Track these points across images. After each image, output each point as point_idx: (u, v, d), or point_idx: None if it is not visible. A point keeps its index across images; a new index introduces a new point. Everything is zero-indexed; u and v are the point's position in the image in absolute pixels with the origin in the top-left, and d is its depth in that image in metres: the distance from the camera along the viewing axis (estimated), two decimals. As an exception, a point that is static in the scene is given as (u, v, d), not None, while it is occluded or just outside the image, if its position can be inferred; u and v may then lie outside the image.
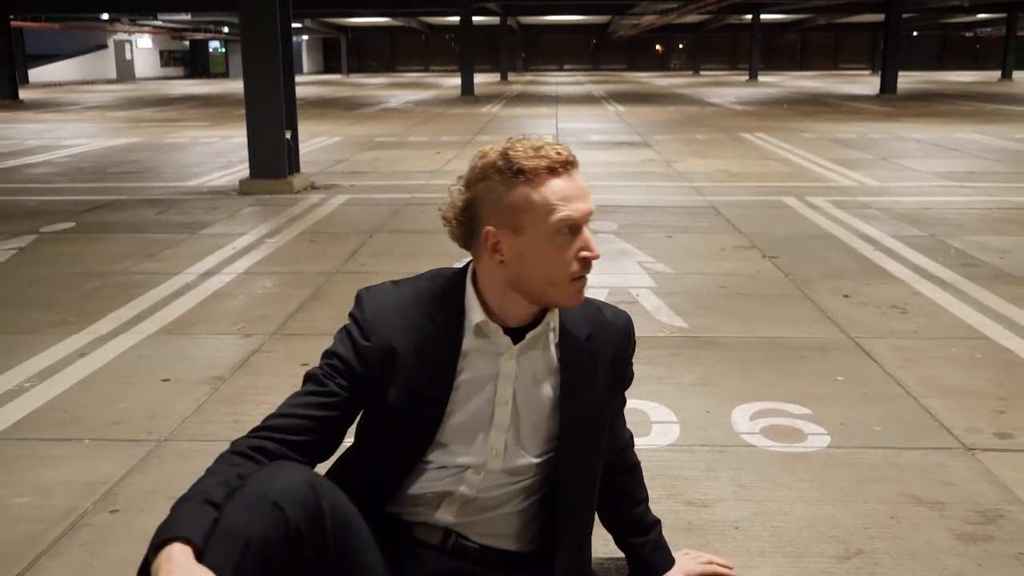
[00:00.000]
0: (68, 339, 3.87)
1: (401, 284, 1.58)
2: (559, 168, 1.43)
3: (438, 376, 1.53)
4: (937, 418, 2.97)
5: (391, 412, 1.53)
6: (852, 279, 4.82)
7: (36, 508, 2.41)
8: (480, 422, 1.58)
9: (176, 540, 1.28)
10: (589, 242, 1.47)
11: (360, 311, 1.53)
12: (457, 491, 1.61)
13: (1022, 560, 2.13)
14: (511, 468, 1.62)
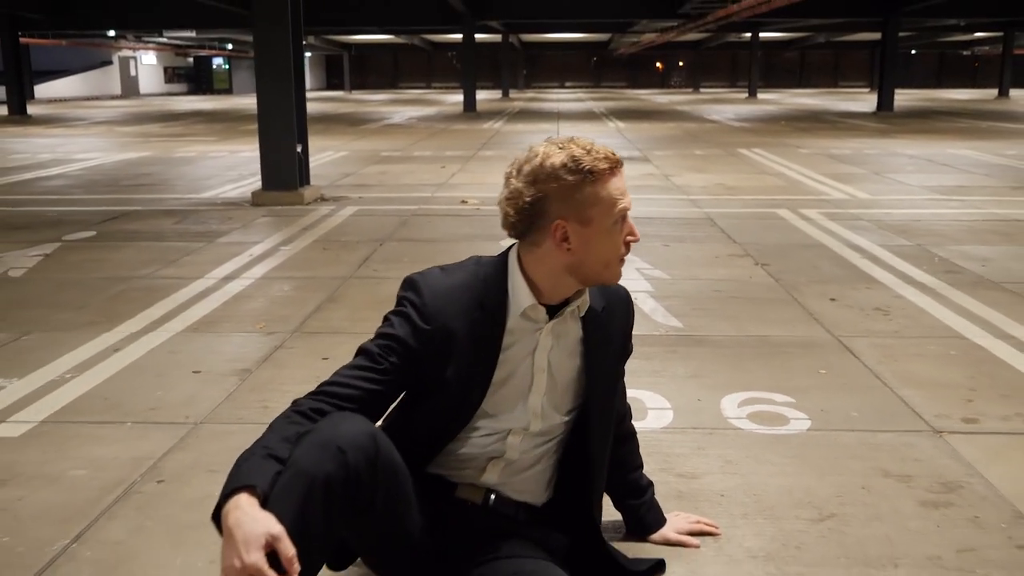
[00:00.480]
0: (101, 336, 4.13)
1: (449, 270, 1.83)
2: (616, 168, 1.71)
3: (487, 354, 1.79)
4: (910, 405, 3.23)
5: (443, 387, 1.79)
6: (839, 284, 5.08)
7: (91, 479, 2.66)
8: (521, 390, 1.84)
9: (243, 489, 1.53)
10: (633, 228, 1.76)
11: (418, 296, 1.77)
12: (504, 454, 1.88)
13: (976, 523, 2.38)
14: (545, 429, 1.89)
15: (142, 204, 8.33)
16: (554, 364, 1.86)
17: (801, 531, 2.33)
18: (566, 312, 1.83)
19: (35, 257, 5.93)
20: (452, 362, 1.77)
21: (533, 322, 1.81)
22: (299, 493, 1.53)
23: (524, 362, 1.84)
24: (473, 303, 1.78)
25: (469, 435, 1.87)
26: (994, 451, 2.84)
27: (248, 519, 1.48)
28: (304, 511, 1.52)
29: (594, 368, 1.91)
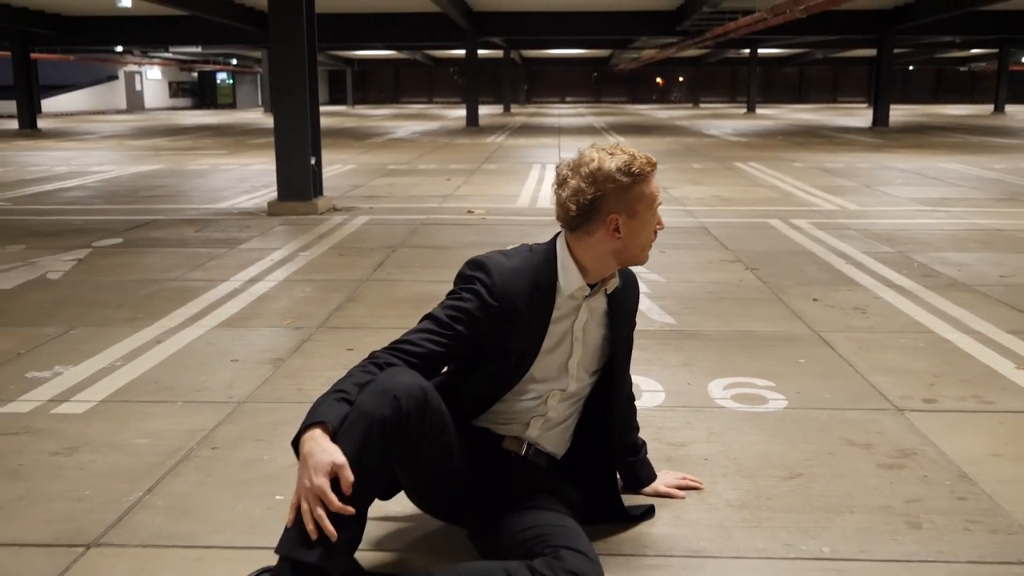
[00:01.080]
0: (142, 331, 4.50)
1: (510, 255, 2.23)
2: (655, 170, 2.13)
3: (540, 327, 2.20)
4: (877, 388, 3.60)
5: (502, 355, 2.18)
6: (822, 286, 5.46)
7: (152, 446, 3.03)
8: (562, 357, 2.26)
9: (317, 424, 1.91)
10: (661, 218, 2.21)
11: (488, 277, 2.14)
12: (545, 413, 2.27)
13: (925, 480, 2.75)
14: (576, 390, 2.30)
15: (163, 214, 8.72)
16: (587, 333, 2.26)
17: (773, 486, 2.71)
18: (596, 292, 2.23)
19: (69, 261, 6.32)
20: (513, 334, 2.16)
21: (575, 299, 2.21)
22: (360, 431, 1.90)
23: (566, 333, 2.24)
24: (531, 284, 2.17)
25: (517, 396, 2.25)
26: (948, 425, 3.21)
27: (319, 449, 1.85)
28: (364, 447, 1.89)
29: (616, 335, 2.31)
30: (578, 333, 2.24)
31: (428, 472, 2.13)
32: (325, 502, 1.81)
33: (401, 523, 2.46)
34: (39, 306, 5.06)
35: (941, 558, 2.30)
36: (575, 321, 2.23)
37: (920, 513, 2.53)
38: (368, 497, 1.95)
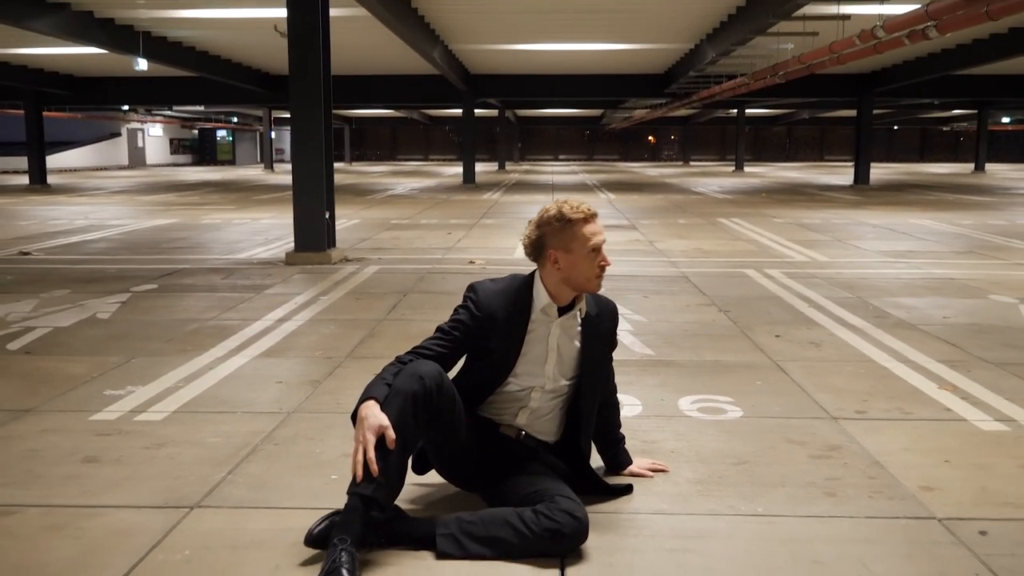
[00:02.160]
0: (193, 360, 5.22)
1: (496, 281, 3.00)
2: (589, 218, 2.87)
3: (518, 334, 2.95)
4: (819, 403, 4.33)
5: (489, 354, 2.94)
6: (785, 325, 6.21)
7: (224, 443, 3.74)
8: (539, 360, 2.99)
9: (370, 398, 2.66)
10: (605, 257, 2.93)
11: (476, 296, 2.95)
12: (528, 404, 3.00)
13: (845, 466, 3.47)
14: (554, 388, 3.03)
15: (188, 263, 9.47)
16: (561, 345, 3.00)
17: (723, 470, 3.43)
18: (570, 314, 2.97)
19: (113, 304, 7.04)
20: (492, 338, 2.91)
21: (548, 317, 2.96)
22: (399, 402, 2.65)
23: (541, 342, 2.98)
24: (509, 301, 2.93)
25: (506, 389, 2.99)
26: (871, 429, 3.94)
27: (371, 415, 2.61)
28: (401, 413, 2.64)
29: (586, 352, 3.04)
30: (552, 344, 2.99)
31: (447, 441, 2.88)
32: (368, 448, 2.57)
33: (431, 490, 3.17)
34: (97, 340, 5.78)
35: (846, 514, 3.02)
36: (549, 335, 2.98)
37: (836, 487, 3.26)
38: (407, 450, 2.69)
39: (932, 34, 9.77)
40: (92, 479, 3.35)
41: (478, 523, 2.70)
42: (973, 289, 7.79)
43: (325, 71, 9.41)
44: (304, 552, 2.69)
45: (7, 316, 6.56)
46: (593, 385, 3.10)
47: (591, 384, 3.08)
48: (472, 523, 2.70)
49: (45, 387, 4.63)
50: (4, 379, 4.80)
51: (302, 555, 2.68)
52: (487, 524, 2.71)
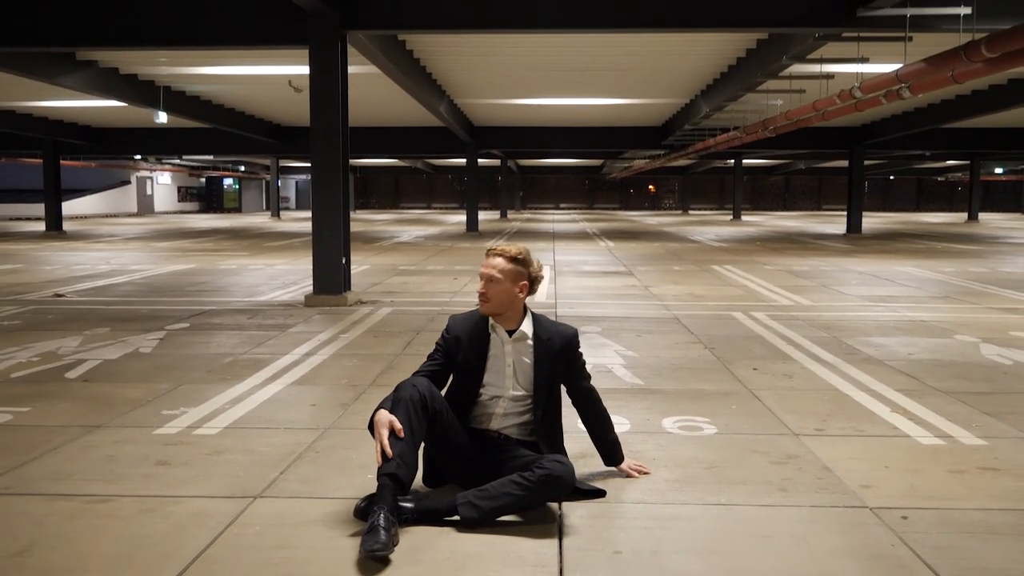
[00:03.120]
0: (234, 387, 5.89)
1: (467, 313, 3.75)
2: (487, 255, 3.65)
3: (480, 352, 3.68)
4: (784, 423, 4.99)
5: (460, 369, 3.66)
6: (763, 360, 6.88)
7: (274, 451, 4.40)
8: (500, 374, 3.70)
9: (381, 408, 3.37)
10: (481, 287, 3.67)
11: (448, 323, 3.77)
12: (495, 411, 3.70)
13: (800, 470, 4.12)
14: (515, 396, 3.72)
15: (214, 305, 10.16)
16: (516, 362, 3.71)
17: (696, 472, 4.08)
18: (518, 334, 3.71)
19: (153, 340, 7.72)
20: (462, 353, 3.67)
21: (501, 338, 3.67)
22: (401, 405, 3.40)
23: (500, 359, 3.71)
24: (471, 326, 3.73)
25: (480, 400, 3.71)
26: (826, 443, 4.59)
27: (382, 415, 3.36)
28: (405, 411, 3.39)
29: (539, 368, 3.74)
30: (509, 359, 3.73)
31: (448, 442, 3.60)
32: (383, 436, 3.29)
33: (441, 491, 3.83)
34: (145, 370, 6.45)
35: (794, 504, 3.68)
36: (506, 352, 3.72)
37: (789, 485, 3.91)
38: (415, 438, 3.41)
39: (906, 95, 10.55)
40: (167, 477, 4.01)
41: (488, 490, 3.40)
42: (941, 330, 8.46)
43: (343, 126, 10.18)
44: (351, 526, 3.34)
45: (58, 350, 7.23)
46: (546, 395, 3.78)
47: (543, 394, 3.77)
48: (484, 491, 3.39)
49: (109, 408, 5.29)
50: (71, 402, 5.47)
51: (350, 528, 3.35)
52: (496, 488, 3.42)
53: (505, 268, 3.68)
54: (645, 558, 3.15)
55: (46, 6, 10.44)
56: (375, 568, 3.03)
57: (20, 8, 10.44)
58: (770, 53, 13.06)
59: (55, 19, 10.59)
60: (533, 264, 3.80)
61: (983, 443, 4.62)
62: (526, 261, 3.75)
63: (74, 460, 4.27)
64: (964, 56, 8.26)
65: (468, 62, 16.50)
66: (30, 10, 10.45)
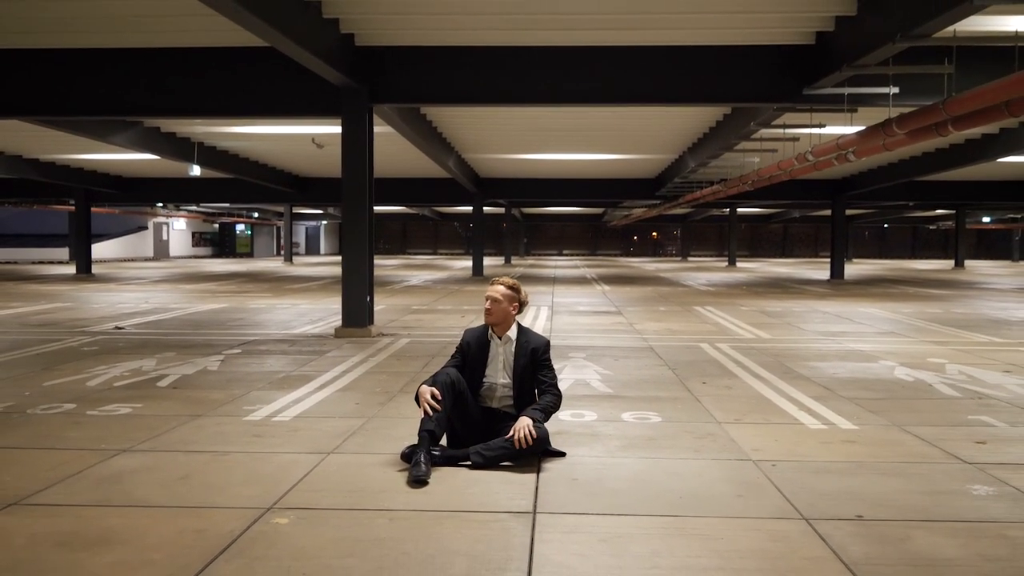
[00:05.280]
0: (292, 393, 7.55)
1: (474, 327, 5.44)
2: (491, 284, 5.42)
3: (484, 352, 5.41)
4: (713, 416, 6.63)
5: (469, 364, 5.38)
6: (712, 377, 8.53)
7: (334, 429, 6.05)
8: (496, 368, 5.41)
9: (423, 384, 5.06)
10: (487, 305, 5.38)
11: (464, 334, 5.48)
12: (495, 395, 5.39)
13: (712, 440, 5.77)
14: (504, 384, 5.45)
15: (256, 336, 11.85)
16: (505, 359, 5.41)
17: (637, 441, 5.73)
18: (505, 338, 5.38)
19: (215, 361, 9.40)
20: (471, 354, 5.34)
21: (497, 341, 5.37)
22: (440, 385, 5.08)
23: (496, 357, 5.39)
24: (478, 335, 5.41)
25: (484, 383, 5.38)
26: (739, 428, 6.24)
27: (427, 388, 5.06)
28: (442, 387, 5.07)
29: (517, 363, 5.42)
30: (501, 358, 5.42)
31: (465, 413, 5.24)
32: (426, 400, 4.93)
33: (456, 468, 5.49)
34: (219, 382, 8.12)
35: (701, 459, 5.33)
36: (500, 353, 5.38)
37: (702, 448, 5.57)
38: (445, 412, 5.04)
39: (852, 158, 12.29)
40: (264, 442, 5.68)
41: (490, 445, 5.06)
42: (870, 357, 10.11)
43: (370, 183, 11.96)
44: (399, 466, 5.01)
45: (141, 368, 8.91)
46: (521, 382, 5.43)
47: (519, 381, 5.43)
48: (487, 445, 5.07)
49: (202, 405, 6.96)
50: (171, 401, 7.14)
51: (397, 467, 5.01)
52: (495, 443, 5.09)
53: (504, 293, 5.38)
54: (592, 482, 4.81)
55: (115, 83, 12.26)
56: (418, 486, 4.69)
57: (93, 84, 12.26)
58: (741, 120, 14.88)
59: (123, 93, 12.40)
60: (522, 292, 5.50)
61: (855, 428, 6.28)
62: (517, 289, 5.46)
63: (193, 434, 5.95)
64: (883, 131, 10.02)
65: (475, 124, 18.36)
66: (103, 86, 12.28)
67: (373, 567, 3.58)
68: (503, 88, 11.77)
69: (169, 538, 3.88)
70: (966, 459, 5.39)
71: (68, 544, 3.81)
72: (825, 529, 4.06)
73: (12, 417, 6.48)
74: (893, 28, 8.46)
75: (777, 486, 4.77)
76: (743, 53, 11.38)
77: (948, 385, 8.14)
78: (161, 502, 4.44)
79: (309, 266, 42.41)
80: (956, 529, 4.09)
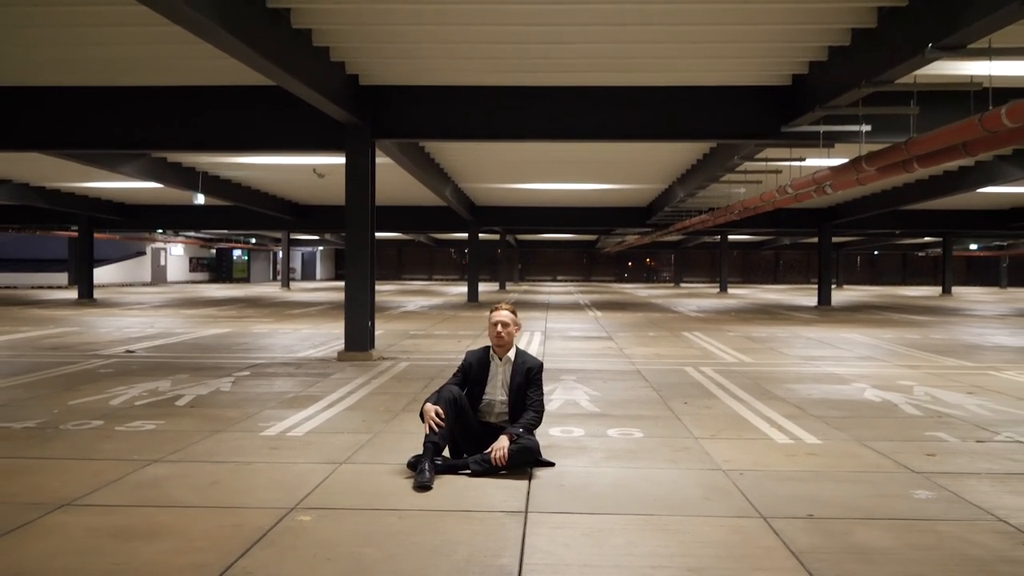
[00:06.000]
0: (303, 412, 8.13)
1: (475, 348, 6.07)
2: (496, 310, 6.15)
3: (484, 371, 6.03)
4: (692, 433, 7.24)
5: (471, 382, 5.99)
6: (694, 398, 9.14)
7: (344, 443, 6.64)
8: (495, 385, 6.03)
9: (427, 402, 5.68)
10: (497, 331, 6.08)
11: (466, 355, 6.10)
12: (494, 410, 6.01)
13: (688, 453, 6.37)
14: (502, 400, 6.06)
15: (263, 359, 12.43)
16: (503, 378, 6.01)
17: (620, 454, 6.33)
18: (505, 359, 5.99)
19: (227, 383, 9.98)
20: (473, 373, 5.96)
21: (497, 362, 5.98)
22: (443, 401, 5.68)
23: (495, 375, 6.00)
24: (479, 356, 6.03)
25: (484, 400, 5.98)
26: (714, 442, 6.84)
27: (431, 406, 5.65)
28: (445, 404, 5.66)
29: (513, 380, 6.03)
30: (500, 376, 6.01)
31: (468, 426, 5.82)
32: (431, 416, 5.53)
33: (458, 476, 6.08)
34: (232, 401, 8.71)
35: (677, 468, 5.92)
36: (500, 371, 5.98)
37: (678, 459, 6.17)
38: (447, 426, 5.63)
39: (829, 191, 12.98)
40: (281, 454, 6.27)
41: (487, 456, 5.64)
42: (844, 379, 10.73)
43: (372, 214, 12.59)
44: (405, 474, 5.60)
45: (158, 388, 9.49)
46: (516, 398, 6.03)
47: (516, 397, 6.03)
48: (485, 455, 5.65)
49: (219, 422, 7.55)
50: (190, 419, 7.73)
51: (403, 475, 5.60)
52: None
53: (513, 318, 6.04)
54: (578, 487, 5.41)
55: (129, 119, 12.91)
56: (423, 491, 5.28)
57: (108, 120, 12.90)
58: (726, 153, 15.59)
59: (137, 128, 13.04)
60: (517, 315, 6.13)
61: (819, 442, 6.89)
62: (516, 313, 6.08)
63: (216, 447, 6.54)
64: (855, 168, 10.71)
65: (471, 155, 19.06)
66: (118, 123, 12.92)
67: (387, 554, 4.18)
68: (499, 125, 12.44)
69: (210, 531, 4.48)
70: (914, 469, 6.00)
71: (122, 535, 4.40)
72: (779, 525, 4.66)
73: (47, 432, 7.07)
74: (858, 75, 9.16)
75: (742, 491, 5.37)
76: (726, 93, 12.08)
77: (912, 405, 8.76)
78: (197, 503, 5.03)
79: (306, 292, 43.00)
80: (893, 525, 4.69)
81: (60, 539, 4.36)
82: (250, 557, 4.11)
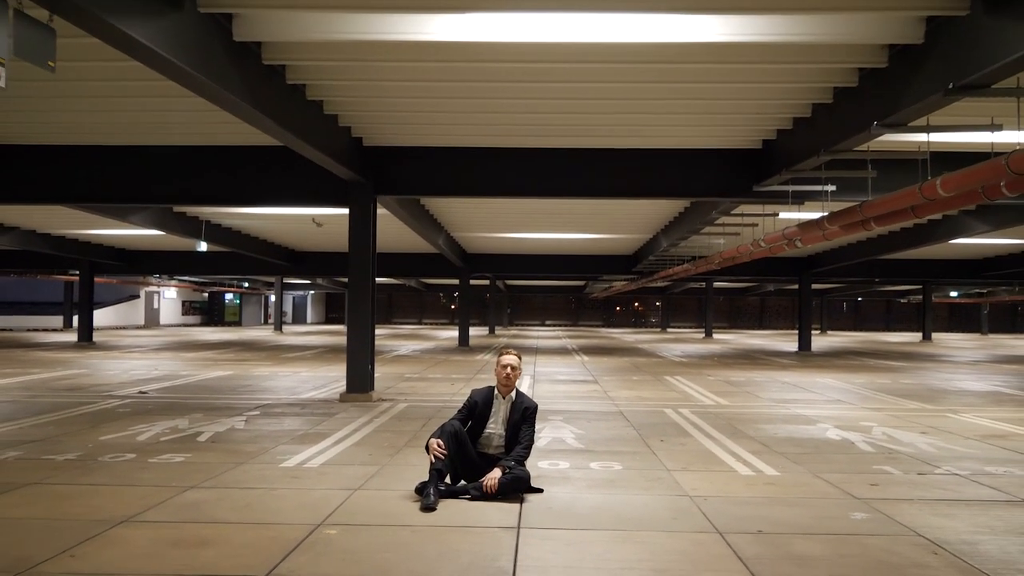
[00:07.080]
0: (315, 446, 8.95)
1: (480, 388, 6.97)
2: (503, 354, 7.04)
3: (487, 407, 6.93)
4: (665, 465, 8.09)
5: (475, 418, 6.89)
6: (670, 436, 10.00)
7: (356, 474, 7.47)
8: (496, 421, 6.92)
9: (432, 437, 6.56)
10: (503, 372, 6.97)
11: (471, 393, 7.00)
12: (492, 443, 6.89)
13: (660, 483, 7.23)
14: (501, 434, 6.95)
15: (269, 400, 13.24)
16: (504, 415, 6.89)
17: (600, 483, 7.18)
18: (508, 399, 6.87)
19: (240, 421, 10.79)
20: (477, 408, 6.84)
21: (500, 400, 6.87)
22: (446, 436, 6.57)
23: (497, 412, 6.88)
24: (484, 395, 6.93)
25: (484, 433, 6.86)
26: (684, 474, 7.69)
27: (434, 440, 6.53)
28: (447, 440, 6.53)
29: (511, 418, 6.92)
30: (501, 413, 6.89)
31: (468, 457, 6.69)
32: (434, 449, 6.41)
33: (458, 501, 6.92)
34: (249, 437, 9.52)
35: (651, 495, 6.78)
36: (501, 408, 6.86)
37: (652, 488, 7.02)
38: (450, 457, 6.50)
39: (799, 244, 13.97)
40: (301, 482, 7.10)
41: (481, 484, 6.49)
42: (811, 420, 11.61)
43: (373, 264, 13.50)
44: (412, 498, 6.44)
45: (177, 426, 10.30)
46: (512, 433, 6.89)
47: (512, 432, 6.89)
48: (478, 485, 6.48)
49: (240, 455, 8.37)
50: (214, 453, 8.54)
51: (410, 499, 6.44)
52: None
53: (518, 362, 6.92)
54: (563, 509, 6.26)
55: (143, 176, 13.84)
56: (429, 512, 6.12)
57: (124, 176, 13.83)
58: (704, 208, 16.62)
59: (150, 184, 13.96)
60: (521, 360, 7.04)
61: (777, 474, 7.76)
62: (521, 359, 6.98)
63: (242, 476, 7.36)
64: (819, 225, 11.70)
65: (464, 207, 20.06)
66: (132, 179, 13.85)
67: (403, 558, 5.02)
68: (490, 183, 13.42)
69: (251, 541, 5.31)
70: (857, 496, 6.87)
71: (179, 544, 5.23)
72: (732, 539, 5.52)
73: (88, 463, 7.88)
74: (818, 143, 10.19)
75: (704, 512, 6.23)
76: (702, 155, 13.11)
77: (868, 443, 9.64)
78: (235, 520, 5.86)
79: (299, 335, 43.76)
80: (828, 539, 5.57)
81: (128, 547, 5.18)
82: (290, 561, 4.95)
